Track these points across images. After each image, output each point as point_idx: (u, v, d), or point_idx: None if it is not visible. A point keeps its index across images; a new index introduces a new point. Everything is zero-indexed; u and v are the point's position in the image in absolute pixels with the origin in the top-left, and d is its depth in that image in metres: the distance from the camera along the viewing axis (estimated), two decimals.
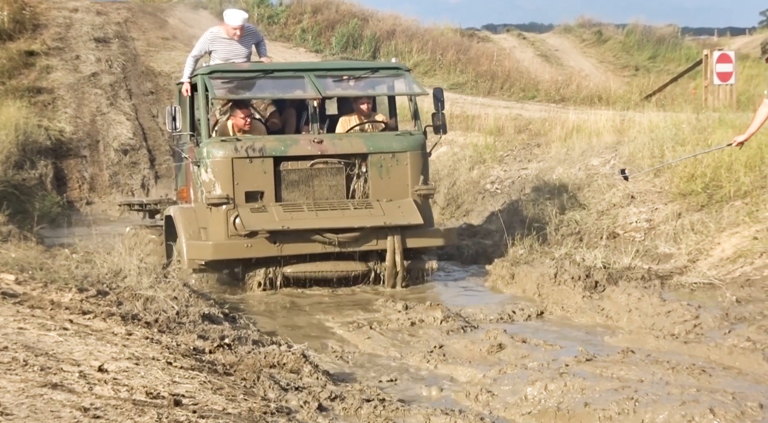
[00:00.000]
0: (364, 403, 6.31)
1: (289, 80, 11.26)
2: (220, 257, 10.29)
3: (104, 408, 4.84)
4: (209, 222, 10.38)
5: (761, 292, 9.58)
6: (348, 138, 10.90)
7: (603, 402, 6.39)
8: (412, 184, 10.78)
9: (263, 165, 10.32)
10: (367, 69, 11.87)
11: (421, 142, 11.06)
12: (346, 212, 10.39)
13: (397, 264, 10.49)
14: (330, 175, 10.58)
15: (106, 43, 23.80)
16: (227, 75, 10.95)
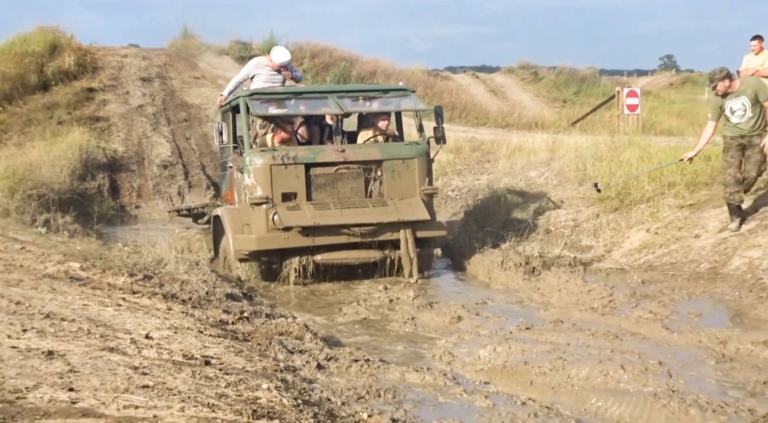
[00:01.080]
0: (353, 362, 6.33)
1: (315, 100, 10.80)
2: (262, 248, 10.00)
3: (150, 367, 4.86)
4: (252, 219, 10.08)
5: (660, 275, 9.64)
6: (366, 147, 10.60)
7: (539, 361, 6.43)
8: (420, 185, 10.45)
9: (296, 170, 10.03)
10: (379, 90, 11.43)
11: (426, 150, 10.72)
12: (366, 210, 10.07)
13: (410, 252, 10.11)
14: (351, 179, 10.26)
15: (149, 81, 23.70)
16: (264, 96, 10.59)
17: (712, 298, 8.51)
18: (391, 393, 5.66)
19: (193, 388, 4.50)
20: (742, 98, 9.57)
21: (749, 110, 9.54)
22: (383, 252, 10.27)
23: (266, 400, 4.57)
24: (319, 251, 10.09)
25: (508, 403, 5.47)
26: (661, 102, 30.96)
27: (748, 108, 9.54)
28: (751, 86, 9.64)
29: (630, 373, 5.89)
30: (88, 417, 3.81)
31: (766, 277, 8.65)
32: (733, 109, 9.66)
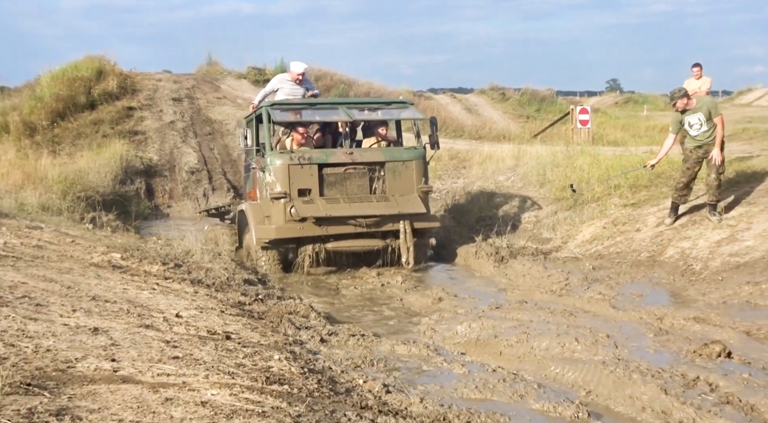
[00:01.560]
0: (351, 337, 6.32)
1: (328, 110, 10.65)
2: (280, 236, 9.82)
3: (180, 340, 4.83)
4: (272, 212, 9.89)
5: (608, 263, 9.65)
6: (370, 151, 10.46)
7: (506, 335, 6.43)
8: (417, 184, 10.19)
9: (311, 170, 9.84)
10: (382, 102, 11.38)
11: (423, 153, 10.49)
12: (371, 204, 9.87)
13: (407, 240, 9.89)
14: (358, 177, 10.02)
15: (179, 101, 23.61)
16: (283, 107, 10.42)
17: (650, 282, 8.52)
18: (382, 362, 5.65)
19: (216, 359, 4.48)
20: (698, 114, 9.43)
21: (704, 125, 9.41)
22: (385, 241, 10.08)
23: (277, 369, 4.56)
24: (329, 240, 9.91)
25: (481, 371, 5.46)
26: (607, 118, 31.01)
27: (703, 123, 9.41)
28: (706, 104, 9.53)
29: (583, 344, 5.90)
30: (128, 383, 3.79)
31: (695, 263, 8.66)
32: (690, 124, 9.51)
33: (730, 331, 6.17)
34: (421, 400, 4.64)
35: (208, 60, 29.51)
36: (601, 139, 20.88)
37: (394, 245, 10.07)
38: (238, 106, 23.65)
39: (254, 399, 3.77)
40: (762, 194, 9.77)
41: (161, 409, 3.42)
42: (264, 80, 27.59)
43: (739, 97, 40.32)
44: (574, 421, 4.55)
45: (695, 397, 4.74)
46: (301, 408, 3.78)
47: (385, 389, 4.75)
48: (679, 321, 6.57)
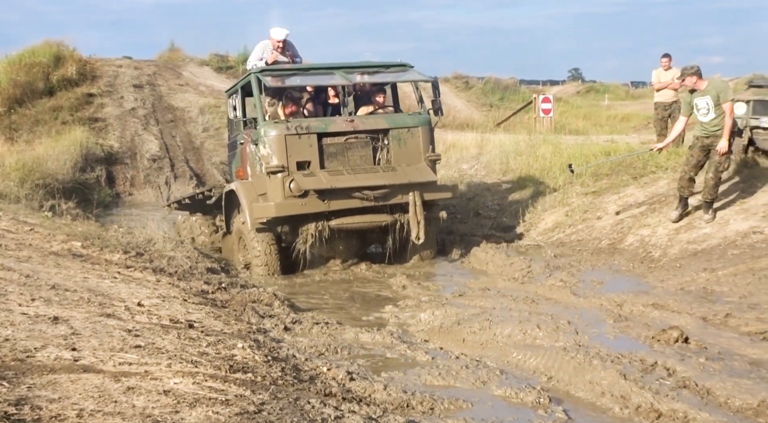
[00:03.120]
0: (315, 325, 6.33)
1: (323, 75, 9.62)
2: (281, 214, 8.84)
3: (141, 329, 4.80)
4: (268, 187, 8.97)
5: (569, 250, 9.76)
6: (373, 117, 9.48)
7: (469, 322, 6.47)
8: (424, 152, 9.32)
9: (309, 140, 8.89)
10: (381, 66, 10.08)
11: (428, 119, 9.59)
12: (377, 174, 9.00)
13: (417, 214, 9.05)
14: (360, 147, 9.12)
15: (141, 88, 23.35)
16: (274, 72, 9.45)
17: (611, 269, 8.64)
18: (346, 350, 5.66)
19: (178, 348, 4.46)
20: (706, 98, 8.72)
21: (712, 111, 8.69)
22: (393, 216, 9.22)
23: (241, 357, 4.55)
24: (332, 217, 9.02)
25: (444, 358, 5.50)
26: (569, 107, 31.32)
27: (711, 108, 8.69)
28: (716, 88, 8.79)
29: (544, 331, 5.96)
30: (89, 372, 3.75)
31: (654, 251, 8.80)
32: (698, 107, 8.81)
33: (687, 317, 6.29)
34: (385, 387, 4.66)
35: (170, 46, 29.20)
36: (563, 128, 21.09)
37: (404, 220, 9.24)
38: (201, 94, 23.43)
39: (217, 387, 3.76)
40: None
41: (123, 398, 3.40)
42: (227, 67, 27.43)
43: None
44: (535, 407, 4.61)
45: (653, 381, 4.83)
46: (264, 396, 3.78)
47: (349, 376, 4.77)
48: (638, 307, 6.68)
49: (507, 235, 11.16)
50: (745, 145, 10.41)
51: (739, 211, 8.82)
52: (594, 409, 4.62)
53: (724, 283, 7.19)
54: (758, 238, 8.01)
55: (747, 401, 4.49)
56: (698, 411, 4.35)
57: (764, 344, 5.51)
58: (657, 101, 12.87)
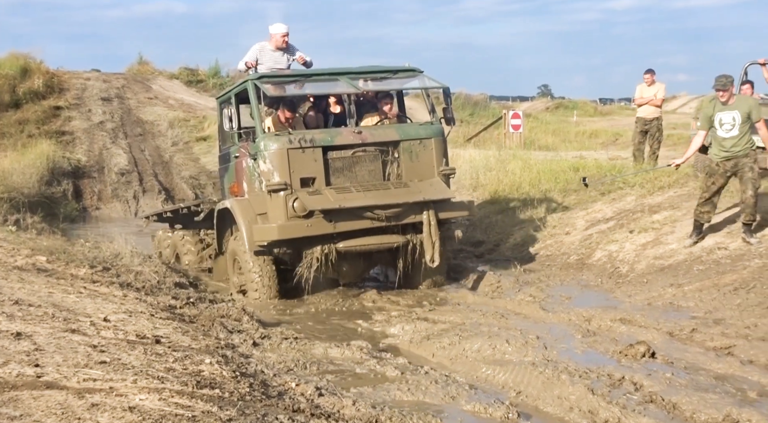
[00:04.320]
0: (284, 340, 6.29)
1: (326, 82, 8.85)
2: (284, 237, 8.03)
3: (107, 345, 4.74)
4: (269, 207, 8.14)
5: (538, 265, 9.82)
6: (382, 128, 8.65)
7: (439, 337, 6.48)
8: (437, 166, 8.55)
9: (314, 154, 8.08)
10: (388, 71, 9.13)
11: (441, 130, 8.83)
12: (389, 191, 8.19)
13: (432, 234, 8.25)
14: (369, 161, 8.33)
15: (109, 101, 23.19)
16: (274, 79, 8.60)
17: (579, 284, 8.70)
18: (316, 365, 5.64)
19: (145, 363, 4.40)
20: (734, 112, 8.09)
21: (737, 127, 8.08)
22: (406, 236, 8.40)
23: (209, 373, 4.51)
24: (340, 239, 8.23)
25: (414, 373, 5.49)
26: (539, 123, 31.59)
27: (737, 124, 8.07)
28: (747, 103, 8.22)
29: (513, 346, 5.98)
30: (52, 389, 3.69)
31: (622, 266, 8.89)
32: (722, 122, 8.15)
33: (654, 332, 6.35)
34: (354, 402, 4.64)
35: (139, 59, 29.04)
36: (532, 144, 21.27)
37: (416, 241, 8.43)
38: (170, 107, 23.32)
39: (184, 403, 3.72)
40: (685, 199, 10.09)
41: (87, 415, 3.35)
42: (197, 81, 27.35)
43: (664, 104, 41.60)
44: (503, 422, 4.61)
45: (621, 396, 4.86)
46: (232, 412, 3.74)
47: (318, 392, 4.74)
48: (606, 322, 6.73)
49: (477, 249, 11.20)
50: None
51: (705, 227, 8.94)
52: None
53: (690, 299, 7.28)
54: (723, 253, 8.12)
55: (712, 416, 4.54)
56: None
57: (729, 359, 5.57)
58: (638, 116, 13.01)
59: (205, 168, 19.55)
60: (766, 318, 6.33)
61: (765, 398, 4.79)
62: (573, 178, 12.31)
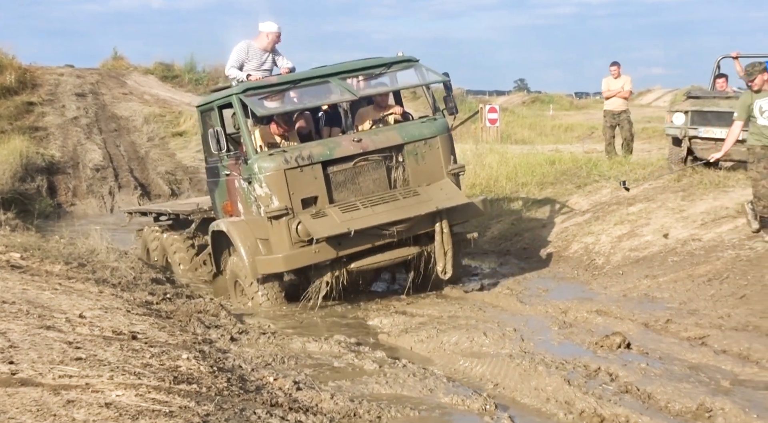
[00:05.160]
0: (261, 335, 6.29)
1: (317, 88, 8.03)
2: (291, 267, 7.46)
3: (83, 341, 4.70)
4: (271, 234, 7.45)
5: (515, 258, 9.87)
6: (383, 132, 7.92)
7: (417, 330, 6.50)
8: (446, 165, 7.94)
9: (313, 171, 7.43)
10: (381, 65, 8.22)
11: (446, 125, 8.22)
12: (398, 203, 7.54)
13: (445, 244, 7.70)
14: (372, 170, 7.67)
15: (83, 96, 22.95)
16: (261, 91, 7.77)
17: (556, 276, 8.76)
18: (293, 360, 5.64)
19: (121, 359, 4.38)
20: None
21: None
22: (419, 247, 7.81)
23: (186, 368, 4.49)
24: (352, 259, 7.60)
25: (392, 366, 5.50)
26: (515, 117, 31.69)
27: None
28: None
29: (491, 338, 6.02)
30: (27, 386, 3.66)
31: (598, 258, 8.95)
32: (762, 109, 7.72)
33: (629, 323, 6.41)
34: (332, 396, 4.64)
35: (114, 55, 28.76)
36: (509, 138, 21.36)
37: (430, 250, 7.86)
38: (146, 102, 23.14)
39: (161, 399, 3.71)
40: (659, 191, 10.18)
41: (63, 412, 3.33)
42: (173, 76, 27.15)
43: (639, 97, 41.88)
44: (481, 414, 4.64)
45: (597, 387, 4.91)
46: (209, 407, 3.74)
47: (296, 386, 4.74)
48: (583, 314, 6.78)
49: None
50: (684, 155, 10.67)
51: (679, 219, 9.04)
52: (539, 415, 4.68)
53: (664, 290, 7.35)
54: (697, 245, 8.21)
55: (686, 405, 4.60)
56: (639, 415, 4.44)
57: (703, 349, 5.64)
58: (606, 109, 13.02)
59: (182, 163, 19.43)
60: (739, 308, 6.42)
61: (738, 387, 4.86)
62: (549, 171, 12.37)
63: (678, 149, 10.73)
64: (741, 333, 5.84)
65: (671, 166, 10.80)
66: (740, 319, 6.14)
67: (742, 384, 4.91)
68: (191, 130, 20.78)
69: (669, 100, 30.62)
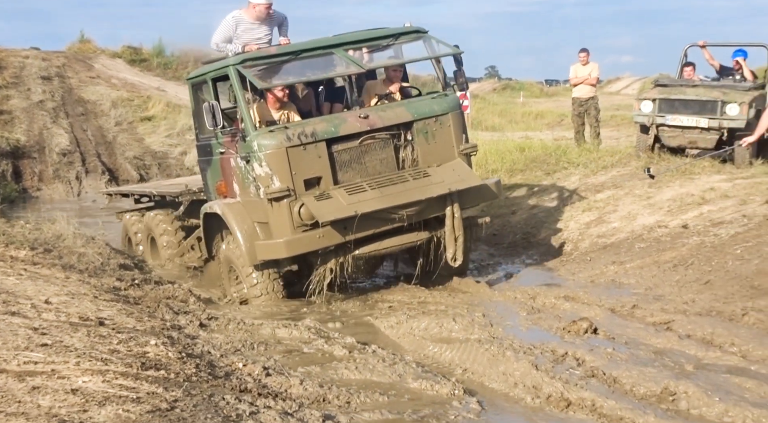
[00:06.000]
0: (231, 321, 6.26)
1: (320, 59, 7.39)
2: (294, 253, 6.91)
3: (49, 328, 4.65)
4: (271, 217, 6.93)
5: (485, 245, 9.90)
6: (391, 108, 7.36)
7: (386, 316, 6.52)
8: (457, 145, 7.41)
9: (317, 150, 6.89)
10: (388, 37, 7.68)
11: (458, 101, 7.69)
12: (408, 185, 7.05)
13: (456, 229, 7.24)
14: (379, 149, 7.15)
15: (49, 79, 22.55)
16: (260, 62, 7.18)
17: (524, 262, 8.83)
18: (263, 345, 5.63)
19: (88, 346, 4.34)
20: None
21: None
22: (429, 232, 7.33)
23: (154, 354, 4.46)
24: (358, 244, 7.10)
25: (362, 352, 5.52)
26: (486, 103, 31.76)
27: None
28: None
29: (460, 324, 6.05)
30: None
31: (566, 244, 9.03)
32: None
33: (596, 309, 6.48)
34: (301, 382, 4.65)
35: (81, 37, 28.29)
36: (480, 125, 21.39)
37: (440, 235, 7.38)
38: (113, 86, 22.82)
39: (128, 385, 3.68)
40: (627, 178, 10.28)
41: (27, 398, 3.29)
42: (141, 60, 26.80)
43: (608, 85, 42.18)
44: (450, 399, 4.67)
45: (564, 371, 4.96)
46: (177, 393, 3.72)
47: (265, 372, 4.74)
48: (551, 299, 6.84)
49: None
50: (651, 142, 10.79)
51: (646, 205, 9.14)
52: (507, 400, 4.73)
53: (631, 276, 7.45)
54: (663, 231, 8.31)
55: (651, 389, 4.67)
56: (605, 399, 4.50)
57: (668, 334, 5.72)
58: (574, 97, 13.09)
59: (150, 148, 19.22)
60: (703, 294, 6.52)
61: (701, 371, 4.94)
62: (519, 158, 12.42)
63: (645, 137, 10.86)
64: (705, 318, 5.93)
65: (639, 154, 10.93)
66: (704, 305, 6.24)
67: (705, 368, 5.00)
68: (160, 115, 20.56)
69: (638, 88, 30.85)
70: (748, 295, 6.24)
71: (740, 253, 7.05)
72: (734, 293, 6.36)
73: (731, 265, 6.90)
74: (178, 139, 19.43)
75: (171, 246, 9.26)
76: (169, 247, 9.27)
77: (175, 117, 20.36)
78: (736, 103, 10.16)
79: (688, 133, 10.53)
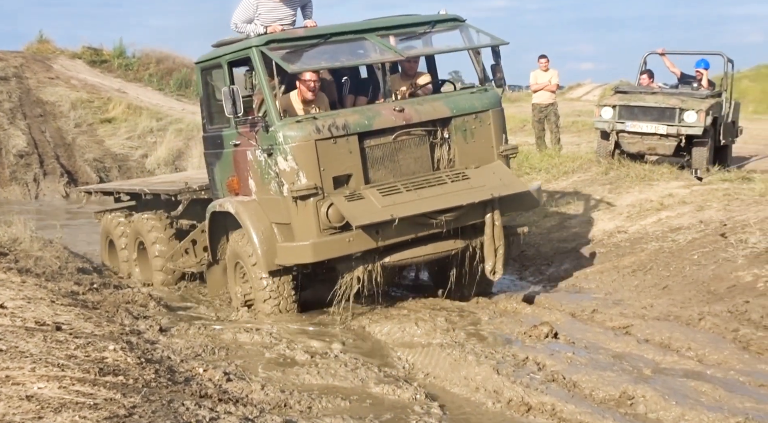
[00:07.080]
0: (192, 326, 6.21)
1: (351, 44, 6.72)
2: (321, 258, 6.20)
3: (4, 333, 4.57)
4: (294, 218, 6.24)
5: None
6: (429, 102, 6.69)
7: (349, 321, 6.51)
8: (497, 146, 6.78)
9: (348, 144, 6.22)
10: (424, 23, 6.94)
11: (498, 98, 6.99)
12: (446, 188, 6.40)
13: (496, 239, 6.55)
14: (414, 146, 6.49)
15: (6, 80, 22.15)
16: (286, 44, 6.43)
17: None
18: (224, 351, 5.59)
19: (44, 351, 4.27)
20: None
21: None
22: (465, 240, 6.63)
23: (112, 360, 4.40)
24: (388, 251, 6.40)
25: (324, 357, 5.50)
26: None
27: None
28: None
29: (422, 328, 6.06)
30: None
31: (528, 249, 9.10)
32: None
33: (557, 313, 6.54)
34: (263, 387, 4.62)
35: (39, 37, 27.83)
36: None
37: (477, 244, 6.69)
38: (73, 88, 22.49)
39: (86, 391, 3.63)
40: (588, 183, 10.41)
41: None
42: (101, 61, 26.44)
43: (569, 91, 42.65)
44: (411, 403, 4.68)
45: (524, 376, 5.00)
46: (136, 399, 3.67)
47: (226, 377, 4.70)
48: (513, 304, 6.88)
49: None
50: (612, 148, 10.94)
51: (606, 211, 9.26)
52: (468, 404, 4.75)
53: (591, 281, 7.53)
54: (623, 237, 8.43)
55: (610, 393, 4.72)
56: (565, 403, 4.54)
57: (627, 338, 5.80)
58: (534, 102, 13.18)
59: (110, 151, 18.99)
60: (661, 298, 6.62)
61: (659, 375, 5.01)
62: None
63: (606, 143, 11.02)
64: (663, 322, 6.02)
65: (599, 160, 11.08)
66: (662, 309, 6.33)
67: (662, 372, 5.07)
68: (120, 117, 20.33)
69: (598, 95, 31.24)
70: (704, 300, 6.35)
71: (697, 258, 7.17)
72: (691, 298, 6.46)
73: (688, 270, 7.01)
74: (139, 142, 19.23)
75: (163, 255, 8.22)
76: (162, 256, 8.23)
77: (136, 119, 20.15)
78: (694, 111, 10.38)
79: (648, 139, 10.72)
